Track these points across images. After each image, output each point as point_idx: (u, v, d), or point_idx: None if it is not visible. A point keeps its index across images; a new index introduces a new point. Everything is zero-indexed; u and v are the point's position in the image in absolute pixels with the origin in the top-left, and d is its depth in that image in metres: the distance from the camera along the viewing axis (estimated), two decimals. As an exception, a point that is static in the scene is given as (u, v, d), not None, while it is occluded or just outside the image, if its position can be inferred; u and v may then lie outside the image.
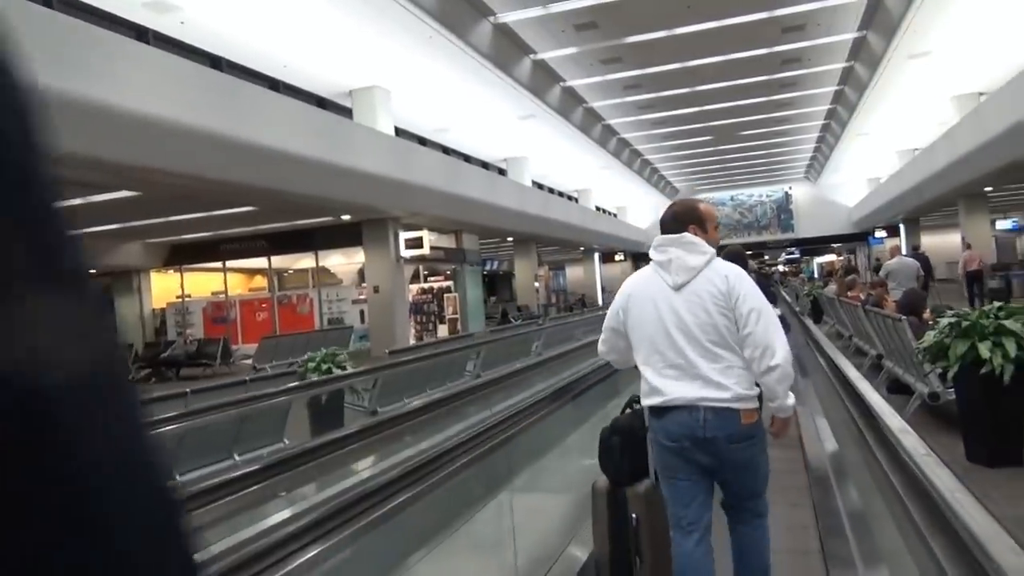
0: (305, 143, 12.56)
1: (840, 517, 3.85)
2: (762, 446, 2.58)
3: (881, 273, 10.20)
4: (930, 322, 6.27)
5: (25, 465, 0.34)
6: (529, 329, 11.99)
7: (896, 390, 6.66)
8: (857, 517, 3.76)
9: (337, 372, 6.06)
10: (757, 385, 2.51)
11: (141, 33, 12.38)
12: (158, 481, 0.41)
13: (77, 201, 11.97)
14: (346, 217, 16.34)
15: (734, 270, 2.60)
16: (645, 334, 2.60)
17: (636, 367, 2.68)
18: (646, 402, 2.59)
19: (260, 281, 22.33)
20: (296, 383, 5.49)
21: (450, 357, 8.19)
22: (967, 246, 18.74)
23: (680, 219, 2.70)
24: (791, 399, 2.56)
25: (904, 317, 5.47)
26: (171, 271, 20.47)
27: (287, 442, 5.26)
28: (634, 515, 2.58)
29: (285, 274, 22.65)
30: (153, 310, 20.30)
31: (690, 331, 2.50)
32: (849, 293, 10.96)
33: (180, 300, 20.11)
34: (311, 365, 6.24)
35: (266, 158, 11.70)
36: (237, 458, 4.82)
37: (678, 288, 2.56)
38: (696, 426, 2.43)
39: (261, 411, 4.87)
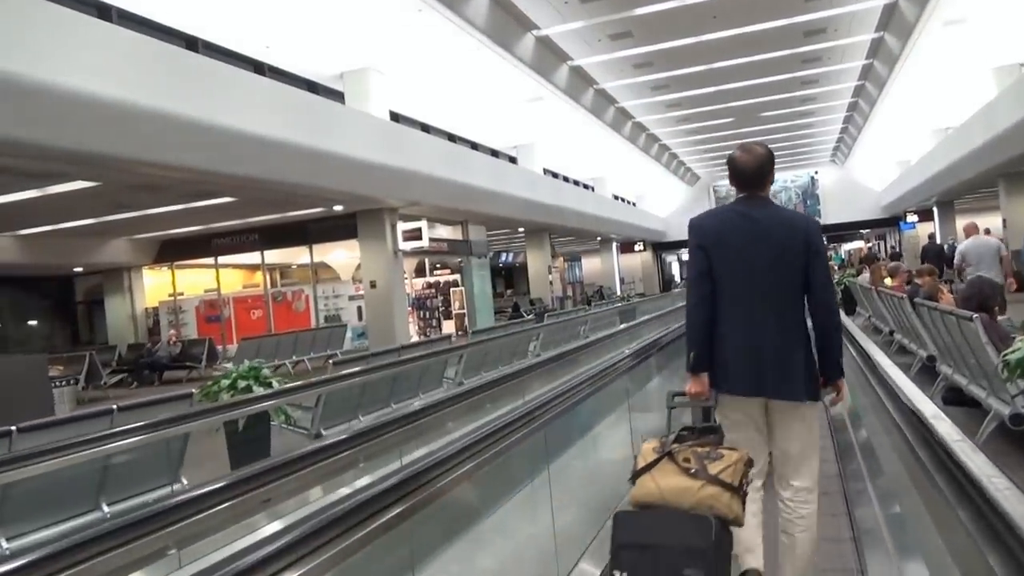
0: (286, 127, 11.53)
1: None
2: None
3: (956, 258, 8.97)
4: (1000, 319, 5.07)
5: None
6: (522, 330, 10.80)
7: (955, 401, 5.48)
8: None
9: (258, 391, 4.98)
10: None
11: (103, 10, 11.40)
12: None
13: (34, 193, 11.04)
14: (338, 208, 15.31)
15: None
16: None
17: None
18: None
19: (261, 278, 21.43)
20: (185, 412, 4.35)
21: (422, 363, 7.07)
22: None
23: None
24: None
25: (975, 315, 4.31)
26: (163, 268, 19.59)
27: (185, 483, 4.23)
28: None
29: (289, 269, 21.74)
30: (146, 309, 19.44)
31: None
32: (889, 282, 9.72)
33: (172, 298, 19.23)
34: (224, 383, 5.14)
35: (241, 144, 10.68)
36: (107, 509, 3.78)
37: None
38: None
39: (142, 447, 3.83)
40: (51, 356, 13.06)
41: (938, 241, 27.77)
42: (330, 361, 6.10)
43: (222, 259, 18.97)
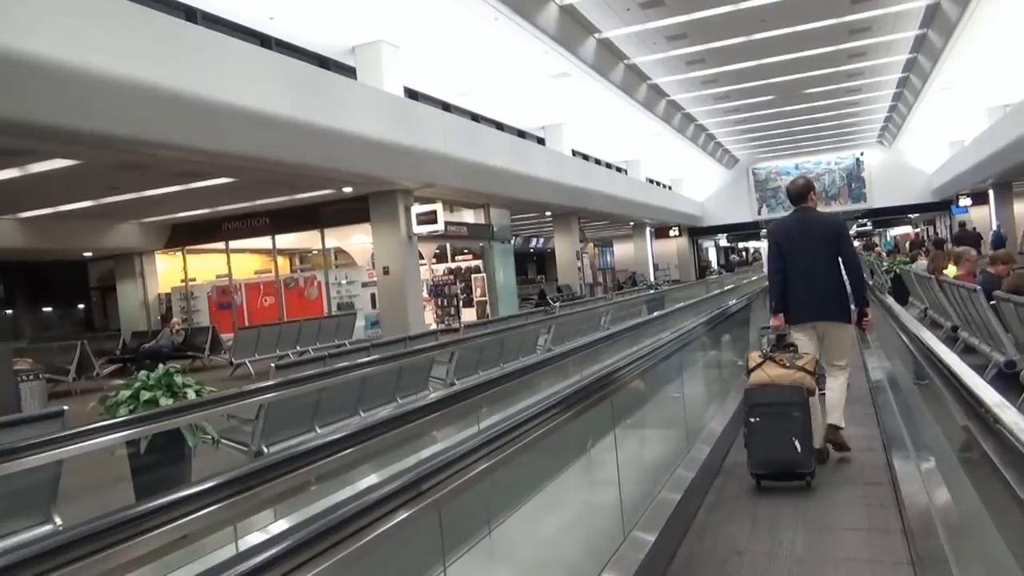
0: (283, 102, 10.68)
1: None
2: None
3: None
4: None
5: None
6: (528, 323, 9.74)
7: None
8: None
9: (165, 404, 4.06)
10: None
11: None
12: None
13: (15, 172, 10.36)
14: (348, 189, 14.47)
15: None
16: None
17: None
18: None
19: (281, 263, 20.71)
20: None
21: (402, 363, 6.07)
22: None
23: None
24: None
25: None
26: (176, 253, 18.99)
27: (59, 523, 3.39)
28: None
29: (308, 255, 21.04)
30: (159, 295, 18.88)
31: None
32: (952, 271, 8.53)
33: (184, 284, 18.64)
34: (124, 394, 4.25)
35: (233, 120, 9.85)
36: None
37: None
38: None
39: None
40: (43, 345, 12.46)
41: (993, 225, 26.17)
42: (272, 365, 5.20)
43: (236, 244, 18.29)
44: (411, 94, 16.94)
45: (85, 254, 18.82)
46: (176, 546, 3.86)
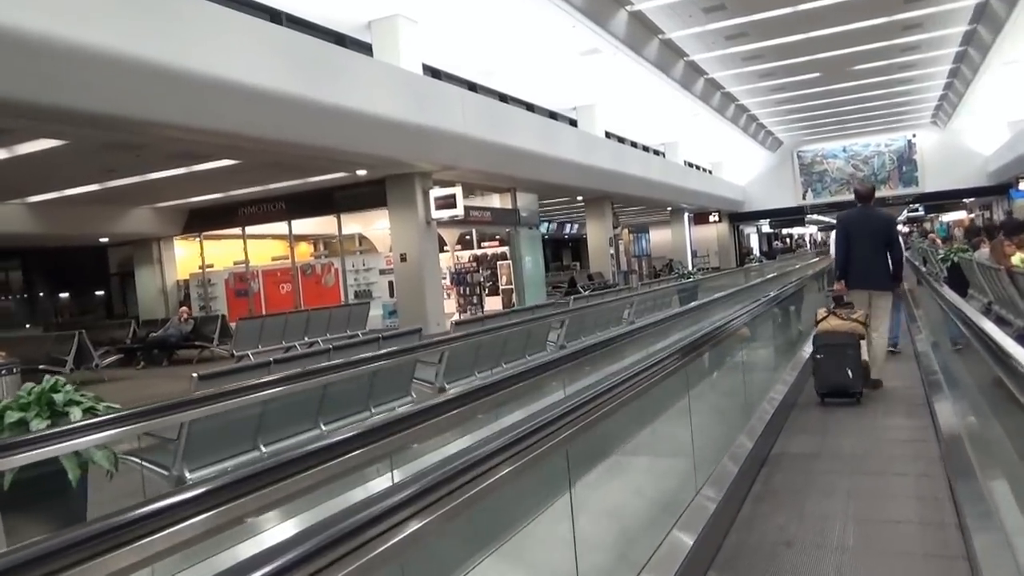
0: (282, 77, 9.96)
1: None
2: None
3: None
4: None
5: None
6: (534, 317, 8.80)
7: None
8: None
9: (38, 427, 3.31)
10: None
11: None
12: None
13: (2, 154, 9.84)
14: (362, 172, 13.76)
15: None
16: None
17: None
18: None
19: (304, 250, 20.13)
20: None
21: (375, 367, 5.21)
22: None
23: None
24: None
25: None
26: (194, 239, 18.54)
27: None
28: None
29: (332, 241, 20.46)
30: (177, 282, 18.47)
31: None
32: (1020, 259, 7.47)
33: (201, 271, 18.18)
34: None
35: (226, 96, 9.17)
36: None
37: None
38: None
39: None
40: (45, 334, 12.03)
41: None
42: (194, 375, 4.45)
43: (254, 229, 17.77)
44: (434, 73, 16.14)
45: (101, 239, 18.50)
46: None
